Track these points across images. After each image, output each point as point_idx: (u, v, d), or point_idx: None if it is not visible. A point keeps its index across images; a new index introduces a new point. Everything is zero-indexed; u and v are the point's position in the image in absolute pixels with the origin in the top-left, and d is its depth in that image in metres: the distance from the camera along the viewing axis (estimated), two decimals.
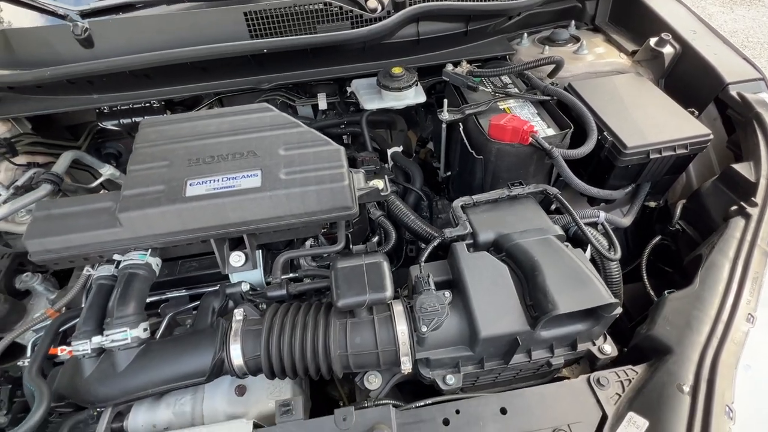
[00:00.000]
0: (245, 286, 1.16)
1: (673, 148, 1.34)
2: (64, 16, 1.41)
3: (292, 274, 1.23)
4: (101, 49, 1.45)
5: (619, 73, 1.66)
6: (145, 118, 1.47)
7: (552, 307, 0.93)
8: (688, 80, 1.61)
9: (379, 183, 1.24)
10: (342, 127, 1.83)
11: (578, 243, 1.21)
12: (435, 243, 1.19)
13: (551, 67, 1.60)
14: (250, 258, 1.13)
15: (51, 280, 1.43)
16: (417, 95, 1.64)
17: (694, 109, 1.46)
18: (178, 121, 1.21)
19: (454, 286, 1.08)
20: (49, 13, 1.44)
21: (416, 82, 1.62)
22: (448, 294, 1.04)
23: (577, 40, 1.79)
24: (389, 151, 1.75)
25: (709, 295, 1.07)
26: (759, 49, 4.75)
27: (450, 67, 1.60)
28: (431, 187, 1.81)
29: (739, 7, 5.47)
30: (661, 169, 1.41)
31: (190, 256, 1.28)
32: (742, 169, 1.31)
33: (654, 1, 1.80)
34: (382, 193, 1.22)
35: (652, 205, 1.61)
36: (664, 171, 1.43)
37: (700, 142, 1.35)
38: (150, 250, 1.06)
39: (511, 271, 1.06)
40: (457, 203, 1.25)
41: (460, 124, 1.51)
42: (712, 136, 1.35)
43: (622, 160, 1.33)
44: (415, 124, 2.08)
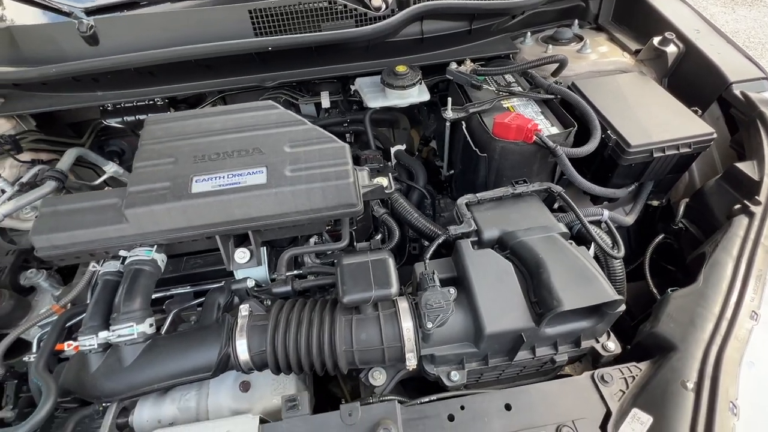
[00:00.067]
0: (250, 283, 1.16)
1: (677, 147, 1.34)
2: (69, 14, 1.42)
3: (297, 271, 1.24)
4: (106, 46, 1.45)
5: (623, 72, 1.67)
6: (150, 115, 1.48)
7: (557, 304, 0.93)
8: (692, 79, 1.61)
9: (383, 180, 1.24)
10: (345, 125, 1.84)
11: (582, 241, 1.21)
12: (440, 240, 1.19)
13: (555, 66, 1.61)
14: (255, 255, 1.14)
15: (55, 276, 1.43)
16: (421, 93, 1.65)
17: (697, 108, 1.47)
18: (184, 118, 1.21)
19: (458, 283, 1.09)
20: (54, 11, 1.44)
21: (420, 80, 1.63)
22: (453, 291, 1.04)
23: (581, 39, 1.80)
24: (392, 150, 1.75)
25: (713, 293, 1.07)
26: (760, 50, 4.75)
27: (454, 66, 1.61)
28: (434, 186, 1.82)
29: (740, 8, 5.47)
30: (664, 167, 1.42)
31: (195, 253, 1.28)
32: (746, 167, 1.32)
33: (657, 0, 1.80)
34: (387, 191, 1.23)
35: (655, 203, 1.61)
36: (667, 170, 1.43)
37: (703, 141, 1.35)
38: (155, 247, 1.06)
39: (515, 269, 1.06)
40: (462, 201, 1.25)
41: (464, 123, 1.51)
42: (715, 135, 1.36)
43: (625, 158, 1.34)
44: (418, 123, 2.08)
